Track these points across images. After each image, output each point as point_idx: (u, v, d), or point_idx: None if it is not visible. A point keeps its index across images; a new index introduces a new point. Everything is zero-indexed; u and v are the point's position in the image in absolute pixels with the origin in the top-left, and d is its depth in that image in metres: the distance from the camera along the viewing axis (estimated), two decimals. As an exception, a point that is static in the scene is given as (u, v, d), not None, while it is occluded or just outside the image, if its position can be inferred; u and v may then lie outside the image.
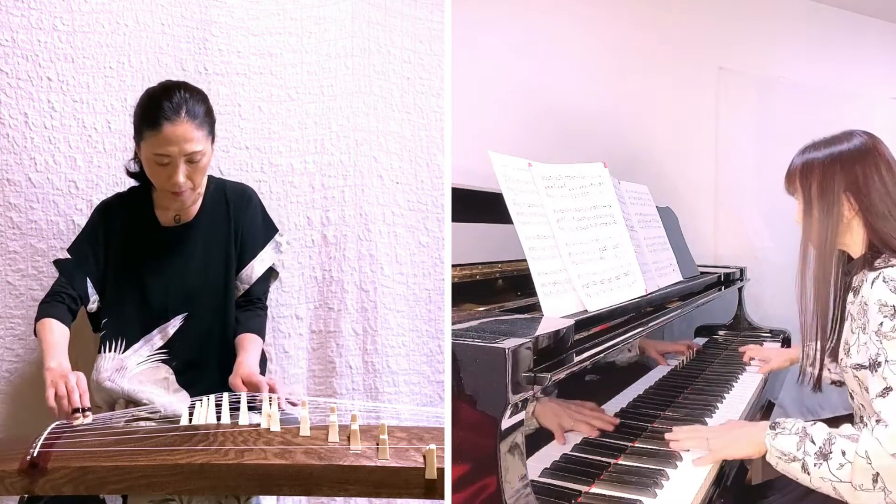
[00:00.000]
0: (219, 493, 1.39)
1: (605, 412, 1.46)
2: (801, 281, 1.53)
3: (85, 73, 1.92)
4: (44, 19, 1.89)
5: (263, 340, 1.79)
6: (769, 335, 2.59)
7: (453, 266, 1.67)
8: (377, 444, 1.32)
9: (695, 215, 2.99)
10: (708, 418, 1.69)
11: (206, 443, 1.34)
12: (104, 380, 1.64)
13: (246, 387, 1.58)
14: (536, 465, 1.23)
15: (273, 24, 2.08)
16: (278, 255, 1.86)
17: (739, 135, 3.25)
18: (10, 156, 1.88)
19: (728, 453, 1.40)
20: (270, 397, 1.52)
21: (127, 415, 1.56)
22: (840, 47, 3.40)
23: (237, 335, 1.74)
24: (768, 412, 2.03)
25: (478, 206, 1.71)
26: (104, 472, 1.27)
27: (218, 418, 1.48)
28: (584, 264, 1.57)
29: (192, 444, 1.33)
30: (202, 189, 1.74)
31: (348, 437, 1.36)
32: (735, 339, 2.49)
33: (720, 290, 2.43)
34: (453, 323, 1.25)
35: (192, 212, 1.75)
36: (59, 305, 1.65)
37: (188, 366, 1.70)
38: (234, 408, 1.50)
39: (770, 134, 3.14)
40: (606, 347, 1.38)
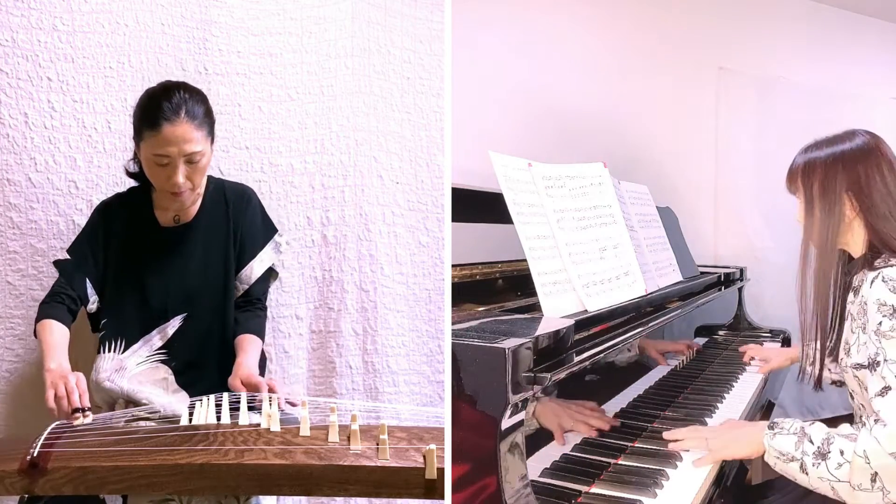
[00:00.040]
0: (219, 493, 1.39)
1: (605, 412, 1.46)
2: (801, 280, 1.53)
3: (85, 73, 1.92)
4: (44, 19, 1.89)
5: (263, 341, 1.79)
6: (769, 335, 2.59)
7: (453, 266, 1.67)
8: (377, 444, 1.32)
9: (695, 215, 2.99)
10: (708, 418, 1.69)
11: (206, 443, 1.34)
12: (103, 380, 1.64)
13: (245, 388, 1.58)
14: (536, 465, 1.23)
15: (273, 24, 2.08)
16: (278, 255, 1.86)
17: (739, 135, 3.25)
18: (10, 156, 1.88)
19: (727, 453, 1.40)
20: (270, 397, 1.52)
21: (127, 415, 1.56)
22: (840, 47, 3.39)
23: (236, 336, 1.74)
24: (768, 412, 2.03)
25: (478, 206, 1.71)
26: (104, 472, 1.27)
27: (218, 418, 1.48)
28: (584, 264, 1.56)
29: (191, 444, 1.33)
30: (202, 189, 1.74)
31: (348, 437, 1.36)
32: (735, 339, 2.49)
33: (720, 290, 2.42)
34: (453, 323, 1.25)
35: (192, 212, 1.75)
36: (59, 306, 1.66)
37: (187, 366, 1.70)
38: (234, 408, 1.50)
39: (770, 134, 3.13)
40: (606, 347, 1.38)
